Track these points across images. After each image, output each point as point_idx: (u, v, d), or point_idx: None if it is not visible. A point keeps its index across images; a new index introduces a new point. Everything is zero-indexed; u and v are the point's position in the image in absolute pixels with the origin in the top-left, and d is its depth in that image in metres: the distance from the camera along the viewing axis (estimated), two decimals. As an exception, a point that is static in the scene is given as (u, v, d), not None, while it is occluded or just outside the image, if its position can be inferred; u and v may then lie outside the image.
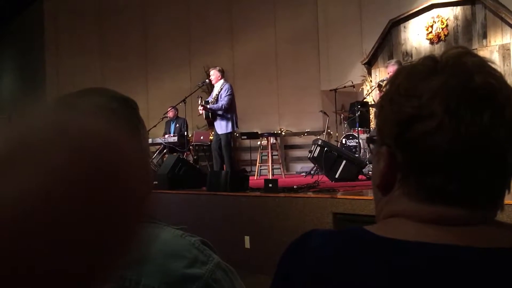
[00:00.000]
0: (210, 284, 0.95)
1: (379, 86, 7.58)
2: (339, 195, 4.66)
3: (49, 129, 0.35)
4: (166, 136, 9.73)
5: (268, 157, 8.97)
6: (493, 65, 0.73)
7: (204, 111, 7.74)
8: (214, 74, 7.93)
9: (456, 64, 0.71)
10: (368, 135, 7.45)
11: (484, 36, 8.34)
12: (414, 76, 0.73)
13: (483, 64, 0.72)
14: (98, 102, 0.95)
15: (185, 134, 9.20)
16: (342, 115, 9.63)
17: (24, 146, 0.34)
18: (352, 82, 8.83)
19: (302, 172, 9.29)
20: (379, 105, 0.77)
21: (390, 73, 6.94)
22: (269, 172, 8.87)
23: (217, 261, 0.97)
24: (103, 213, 0.35)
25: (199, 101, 7.84)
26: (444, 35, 8.83)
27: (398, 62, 7.31)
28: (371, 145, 0.79)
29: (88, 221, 0.34)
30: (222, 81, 7.88)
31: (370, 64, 10.07)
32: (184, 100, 8.42)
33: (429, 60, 0.73)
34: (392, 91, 0.74)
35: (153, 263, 0.93)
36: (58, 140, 0.34)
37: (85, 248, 0.34)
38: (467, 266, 0.66)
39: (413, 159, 0.71)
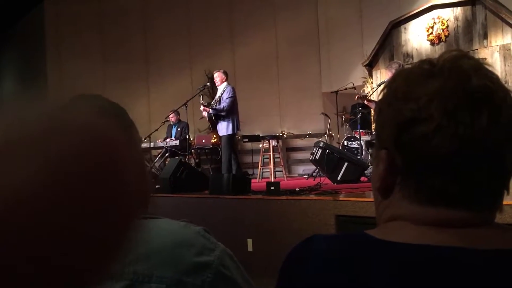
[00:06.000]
0: (220, 271, 0.96)
1: (363, 97, 7.40)
2: (341, 197, 4.65)
3: (47, 121, 0.35)
4: (168, 139, 9.74)
5: (270, 159, 8.96)
6: (489, 68, 0.73)
7: (206, 112, 7.81)
8: (218, 76, 8.02)
9: (452, 67, 0.71)
10: (370, 137, 7.44)
11: (485, 36, 8.33)
12: (411, 79, 0.73)
13: (480, 67, 0.72)
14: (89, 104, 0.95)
15: (187, 137, 9.20)
16: (343, 117, 9.63)
17: (22, 136, 0.34)
18: (353, 84, 8.81)
19: (304, 174, 9.28)
20: (377, 109, 0.77)
21: (390, 75, 6.88)
22: (271, 174, 8.87)
23: (223, 248, 1.00)
24: (100, 204, 0.35)
25: (201, 100, 7.92)
26: (445, 36, 8.81)
27: (399, 64, 7.27)
28: (371, 149, 0.80)
29: (84, 211, 0.34)
30: (225, 83, 7.97)
31: (371, 65, 10.05)
32: (185, 104, 8.44)
33: (426, 64, 0.74)
34: (389, 95, 0.75)
35: (163, 254, 0.94)
36: (56, 131, 0.35)
37: (82, 240, 0.34)
38: (469, 268, 0.66)
39: (412, 162, 0.71)
